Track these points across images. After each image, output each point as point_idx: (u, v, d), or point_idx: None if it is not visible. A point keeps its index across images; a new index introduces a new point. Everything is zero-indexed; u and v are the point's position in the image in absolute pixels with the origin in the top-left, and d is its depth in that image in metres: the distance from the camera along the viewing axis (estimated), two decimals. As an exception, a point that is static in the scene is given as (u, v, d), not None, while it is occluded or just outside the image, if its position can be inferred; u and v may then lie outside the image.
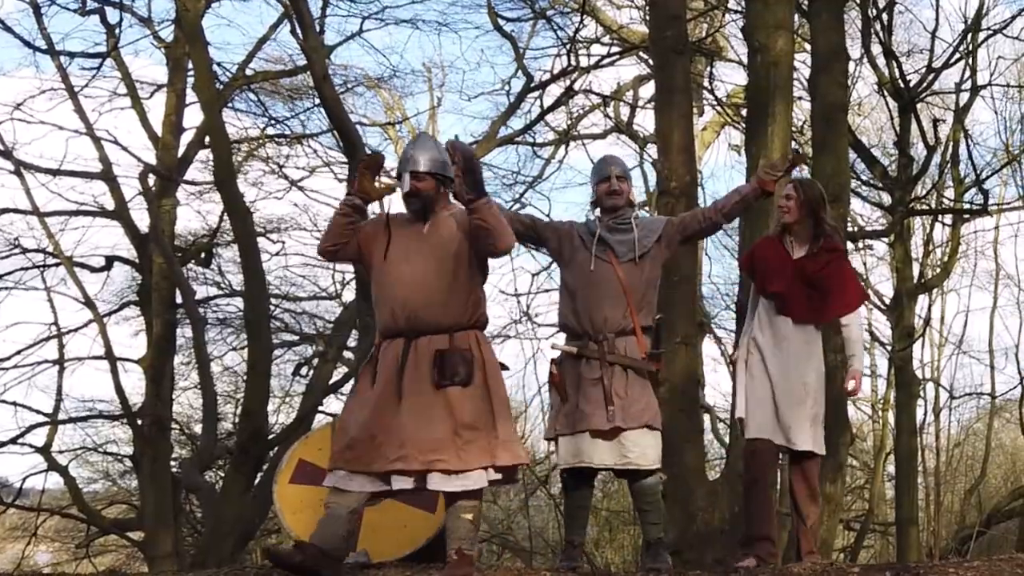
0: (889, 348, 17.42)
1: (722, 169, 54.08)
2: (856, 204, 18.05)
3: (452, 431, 5.37)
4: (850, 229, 13.95)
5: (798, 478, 6.45)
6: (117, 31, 15.63)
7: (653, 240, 6.27)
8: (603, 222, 6.35)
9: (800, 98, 13.35)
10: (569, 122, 18.19)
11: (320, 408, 15.21)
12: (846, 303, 6.56)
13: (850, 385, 6.56)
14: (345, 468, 5.47)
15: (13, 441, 15.94)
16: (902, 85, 16.01)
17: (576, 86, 16.54)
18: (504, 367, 5.73)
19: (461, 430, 5.38)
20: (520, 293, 18.76)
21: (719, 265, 30.98)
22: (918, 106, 16.53)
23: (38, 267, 16.86)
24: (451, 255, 5.57)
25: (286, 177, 18.44)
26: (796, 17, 11.07)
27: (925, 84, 16.48)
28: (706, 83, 16.69)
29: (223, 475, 15.93)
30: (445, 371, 5.42)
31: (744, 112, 16.13)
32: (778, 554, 6.42)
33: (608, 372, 6.06)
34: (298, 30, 11.77)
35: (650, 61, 16.93)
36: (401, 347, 5.49)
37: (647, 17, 14.76)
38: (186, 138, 16.28)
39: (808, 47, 12.78)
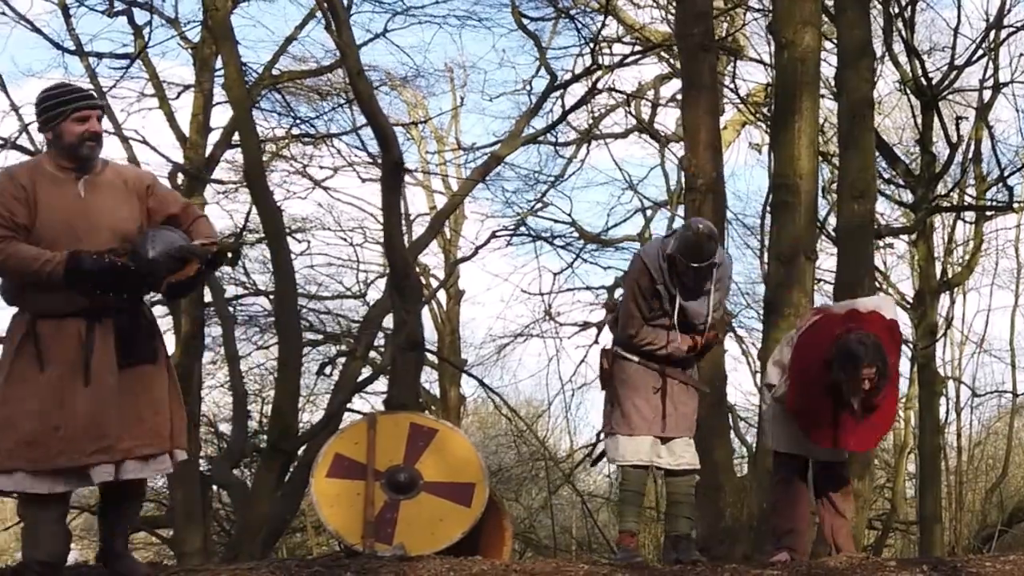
0: (911, 346, 17.39)
1: (743, 168, 54.08)
2: (878, 202, 18.00)
3: (146, 413, 4.94)
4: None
5: (829, 474, 6.43)
6: (145, 32, 15.71)
7: (711, 309, 6.33)
8: (679, 280, 6.19)
9: (823, 96, 13.35)
10: (591, 121, 18.21)
11: (349, 406, 15.25)
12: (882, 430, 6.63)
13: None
14: (26, 468, 4.75)
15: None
16: (924, 83, 15.95)
17: (598, 85, 16.55)
18: None
19: (152, 411, 4.96)
20: (543, 292, 18.84)
21: (740, 264, 30.85)
22: (940, 103, 16.46)
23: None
24: (119, 220, 5.01)
25: (310, 177, 18.53)
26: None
27: (947, 81, 16.43)
28: (727, 81, 16.67)
29: (252, 472, 15.99)
30: (134, 348, 4.94)
31: (765, 110, 16.17)
32: (807, 548, 6.41)
33: (669, 384, 6.29)
34: (332, 26, 11.77)
35: (671, 60, 16.98)
36: (83, 327, 4.86)
37: (670, 15, 14.80)
38: (213, 138, 16.33)
39: (830, 45, 12.79)
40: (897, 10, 15.58)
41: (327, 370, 19.38)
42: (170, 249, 4.89)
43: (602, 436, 6.81)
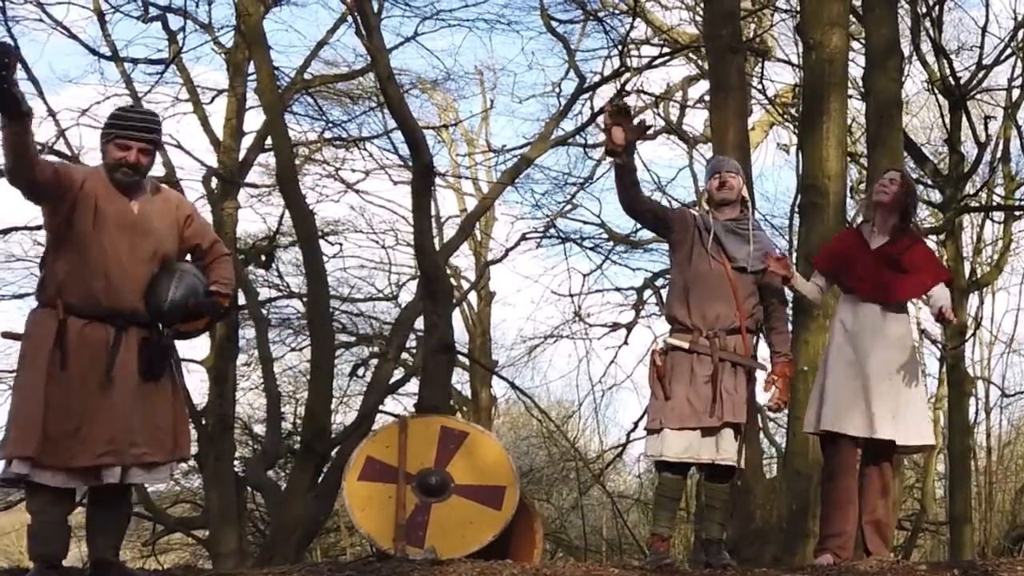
0: (940, 346, 17.21)
1: (771, 169, 53.87)
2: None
3: (160, 423, 5.07)
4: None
5: (873, 471, 6.34)
6: (179, 37, 15.77)
7: (759, 266, 6.20)
8: (719, 221, 6.24)
9: (850, 96, 13.24)
10: (620, 123, 18.06)
11: (381, 407, 15.24)
12: (930, 278, 6.33)
13: (948, 314, 6.28)
14: (40, 461, 4.81)
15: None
16: (952, 82, 15.81)
17: (627, 87, 16.48)
18: None
19: (164, 422, 5.09)
20: (573, 294, 18.77)
21: (768, 265, 30.62)
22: (969, 103, 16.30)
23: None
24: (163, 241, 5.18)
25: (343, 180, 18.56)
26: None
27: (976, 81, 16.28)
28: (755, 82, 16.58)
29: (286, 474, 16.01)
30: (154, 360, 5.04)
31: (793, 111, 16.07)
32: (851, 549, 6.30)
33: (720, 368, 6.00)
34: (362, 30, 11.76)
35: (699, 62, 16.90)
36: (112, 334, 4.96)
37: (698, 17, 14.72)
38: (246, 142, 16.39)
39: (858, 46, 12.69)
40: (925, 10, 15.46)
41: (360, 372, 19.36)
42: (187, 301, 5.09)
43: (644, 431, 6.70)
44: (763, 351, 6.79)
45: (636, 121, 6.05)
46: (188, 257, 5.38)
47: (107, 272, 4.96)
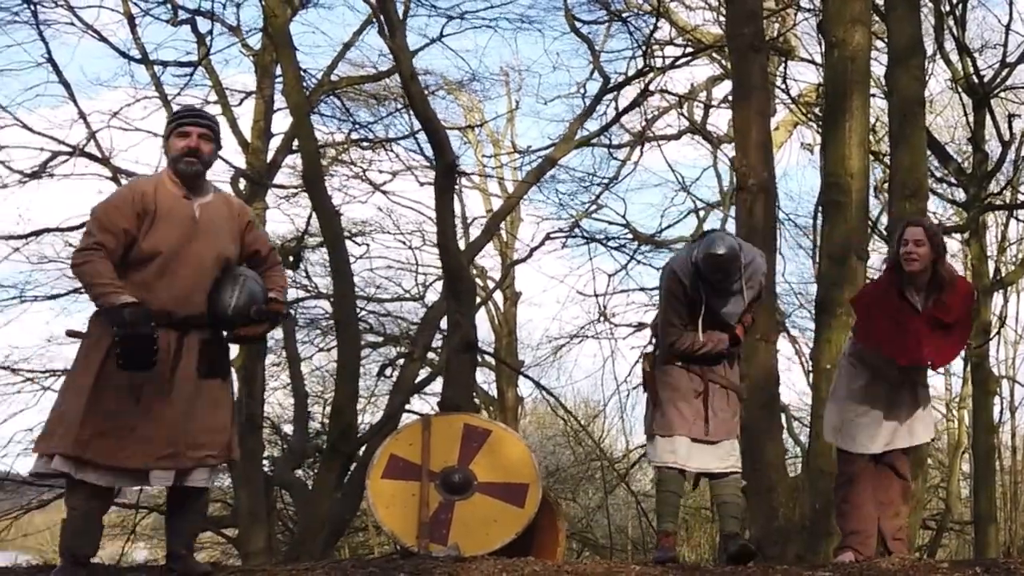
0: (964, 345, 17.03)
1: (795, 168, 53.64)
2: (931, 200, 17.74)
3: (219, 424, 5.10)
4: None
5: (889, 474, 6.29)
6: (208, 40, 15.81)
7: (745, 304, 6.22)
8: (709, 282, 6.13)
9: (873, 95, 13.15)
10: (644, 123, 18.05)
11: (407, 406, 15.22)
12: (966, 334, 6.38)
13: None
14: (93, 459, 4.79)
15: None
16: (976, 80, 15.69)
17: (650, 87, 16.42)
18: None
19: (222, 423, 5.12)
20: (598, 294, 18.72)
21: (792, 264, 30.60)
22: (992, 101, 16.17)
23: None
24: (225, 246, 5.20)
25: (370, 181, 18.55)
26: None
27: (999, 79, 16.16)
28: (779, 82, 16.48)
29: (314, 473, 16.01)
30: (214, 363, 5.09)
31: (817, 110, 15.96)
32: (872, 548, 6.24)
33: (711, 389, 6.23)
34: (385, 30, 11.74)
35: (723, 61, 16.81)
36: (174, 337, 4.97)
37: (722, 17, 14.63)
38: (274, 143, 16.40)
39: (881, 45, 12.59)
40: (948, 8, 15.35)
41: (387, 372, 19.35)
42: (250, 308, 5.10)
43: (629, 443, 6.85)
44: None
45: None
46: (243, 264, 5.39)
47: (170, 276, 4.99)
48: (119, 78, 22.59)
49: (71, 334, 5.28)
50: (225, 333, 5.17)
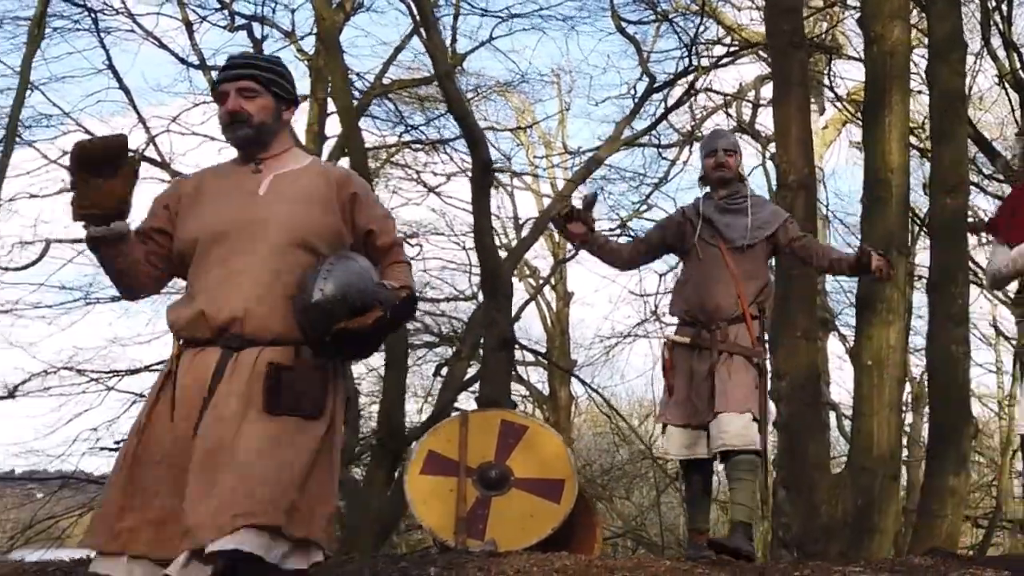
0: (1014, 343, 16.76)
1: (844, 167, 53.02)
2: (978, 198, 17.47)
3: (276, 476, 3.28)
4: (971, 222, 13.44)
5: None
6: (263, 45, 15.93)
7: (765, 234, 5.98)
8: (713, 200, 6.07)
9: (918, 92, 12.95)
10: (692, 123, 17.94)
11: (455, 404, 15.23)
12: None
13: None
14: (129, 551, 3.34)
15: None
16: (1023, 76, 15.41)
17: (696, 86, 16.31)
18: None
19: (281, 475, 3.30)
20: (648, 293, 18.66)
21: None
22: (1040, 97, 15.86)
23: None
24: (302, 225, 3.65)
25: (423, 183, 18.60)
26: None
27: (1047, 74, 15.84)
28: (826, 80, 16.30)
29: (364, 470, 16.04)
30: (283, 393, 3.40)
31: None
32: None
33: (719, 361, 5.81)
34: (420, 28, 11.76)
35: (770, 60, 16.64)
36: (216, 359, 3.49)
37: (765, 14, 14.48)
38: (328, 146, 16.47)
39: (922, 40, 12.40)
40: (994, 3, 15.09)
41: (443, 372, 19.39)
42: (348, 290, 3.44)
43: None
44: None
45: (580, 206, 5.87)
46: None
47: (217, 268, 3.56)
48: (178, 84, 22.95)
49: None
50: (323, 345, 3.48)
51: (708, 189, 6.16)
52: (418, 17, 11.74)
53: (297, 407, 3.42)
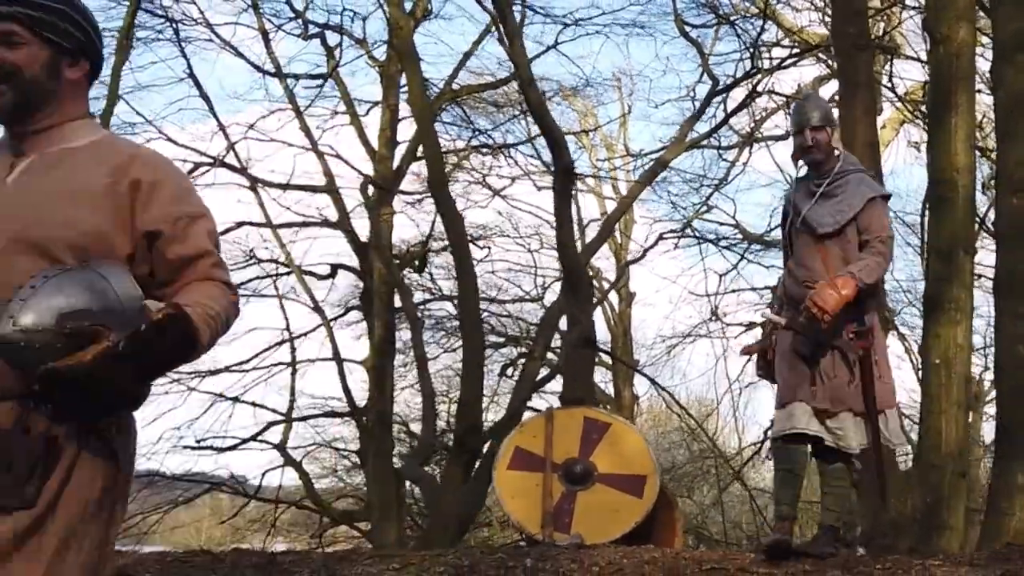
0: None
1: (902, 167, 52.64)
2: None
3: None
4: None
5: None
6: (336, 53, 16.27)
7: (847, 218, 5.66)
8: (805, 183, 5.83)
9: (981, 91, 12.95)
10: (752, 124, 18.03)
11: (528, 404, 15.42)
12: None
13: None
14: None
15: (253, 438, 16.70)
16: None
17: (758, 88, 16.41)
18: None
19: None
20: (709, 294, 18.72)
21: (900, 261, 30.06)
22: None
23: (271, 276, 17.56)
24: (67, 218, 2.60)
25: (490, 187, 18.82)
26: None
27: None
28: (885, 80, 16.32)
29: (441, 468, 16.30)
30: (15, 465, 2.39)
31: (923, 108, 15.75)
32: None
33: (824, 353, 5.56)
34: (504, 39, 11.99)
35: (830, 62, 16.70)
36: None
37: (827, 17, 14.57)
38: (400, 151, 16.82)
39: (986, 40, 12.40)
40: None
41: (508, 371, 19.61)
42: (60, 318, 2.40)
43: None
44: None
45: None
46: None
47: None
48: (254, 91, 23.38)
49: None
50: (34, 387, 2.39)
51: (802, 167, 5.93)
52: (501, 26, 11.96)
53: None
